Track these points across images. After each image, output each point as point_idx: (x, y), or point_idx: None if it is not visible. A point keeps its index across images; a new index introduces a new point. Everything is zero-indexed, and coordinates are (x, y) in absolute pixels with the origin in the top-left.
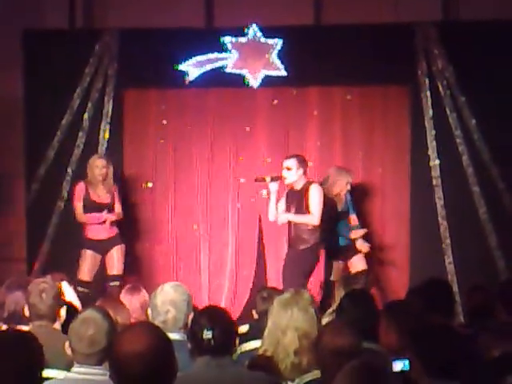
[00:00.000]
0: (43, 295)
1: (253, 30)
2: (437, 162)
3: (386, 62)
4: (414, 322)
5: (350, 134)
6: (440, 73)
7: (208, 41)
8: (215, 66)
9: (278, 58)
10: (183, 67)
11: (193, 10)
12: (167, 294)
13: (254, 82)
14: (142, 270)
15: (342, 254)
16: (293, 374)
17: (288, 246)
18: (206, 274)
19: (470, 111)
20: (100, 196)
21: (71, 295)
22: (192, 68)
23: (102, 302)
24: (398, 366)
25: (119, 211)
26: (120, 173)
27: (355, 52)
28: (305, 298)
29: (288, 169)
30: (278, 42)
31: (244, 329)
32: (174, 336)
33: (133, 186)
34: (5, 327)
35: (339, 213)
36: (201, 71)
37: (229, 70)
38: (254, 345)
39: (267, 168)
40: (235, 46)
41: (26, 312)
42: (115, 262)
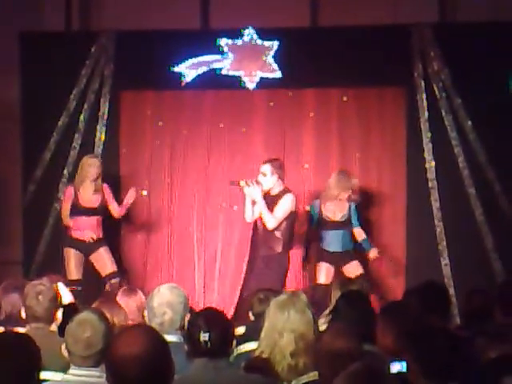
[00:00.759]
0: (40, 297)
1: (249, 32)
2: (433, 163)
3: (382, 63)
4: (411, 324)
5: (346, 136)
6: (436, 75)
7: (204, 43)
8: (211, 67)
9: (274, 59)
10: (179, 69)
11: (189, 12)
12: (164, 295)
13: (251, 84)
14: (137, 272)
15: (335, 259)
16: (289, 376)
17: (253, 251)
18: (202, 277)
19: (466, 113)
20: (88, 200)
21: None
22: (188, 70)
23: (99, 303)
24: (396, 367)
25: (117, 210)
26: (116, 174)
27: (351, 54)
28: (301, 300)
29: (263, 174)
30: (274, 43)
31: (241, 330)
32: (170, 338)
33: (128, 188)
34: (2, 329)
35: (338, 222)
36: (197, 73)
37: (225, 72)
38: (251, 346)
39: None
40: (231, 48)
41: (23, 314)
42: (107, 261)
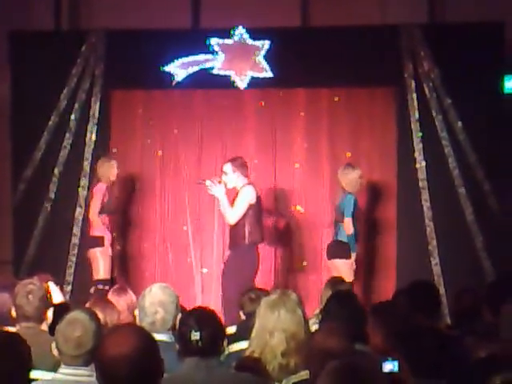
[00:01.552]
0: (30, 297)
1: (239, 32)
2: (423, 163)
3: (372, 63)
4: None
5: (337, 135)
6: (426, 75)
7: (194, 42)
8: (202, 67)
9: (265, 59)
10: (170, 68)
11: (179, 12)
12: (155, 295)
13: (241, 84)
14: (130, 272)
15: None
16: (280, 376)
17: (228, 248)
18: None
19: (456, 113)
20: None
21: (58, 296)
22: (179, 69)
23: (92, 303)
24: (388, 367)
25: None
26: None
27: (342, 54)
28: (292, 299)
29: (225, 173)
30: (265, 43)
31: (232, 330)
32: (161, 337)
33: (120, 186)
34: None
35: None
36: (187, 72)
37: (216, 71)
38: (242, 346)
39: (254, 169)
40: (222, 47)
41: (13, 313)
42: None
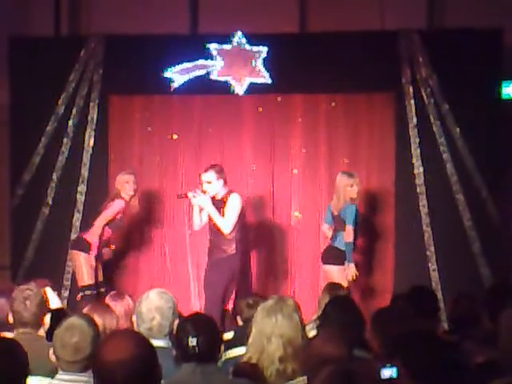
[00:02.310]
0: (27, 302)
1: (238, 38)
2: (421, 169)
3: (370, 69)
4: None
5: (335, 141)
6: (424, 80)
7: (193, 48)
8: (200, 72)
9: (263, 65)
10: (168, 74)
11: (178, 17)
12: (152, 301)
13: (239, 89)
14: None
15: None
16: (277, 381)
17: (207, 256)
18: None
19: (454, 119)
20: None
21: (56, 301)
22: (177, 75)
23: (90, 308)
24: (387, 373)
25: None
26: (105, 179)
27: (340, 59)
28: (289, 305)
29: (208, 182)
30: (263, 49)
31: (229, 335)
32: (159, 343)
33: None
34: None
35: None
36: (186, 78)
37: (214, 77)
38: (239, 352)
39: (252, 175)
40: (220, 53)
41: (10, 319)
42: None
